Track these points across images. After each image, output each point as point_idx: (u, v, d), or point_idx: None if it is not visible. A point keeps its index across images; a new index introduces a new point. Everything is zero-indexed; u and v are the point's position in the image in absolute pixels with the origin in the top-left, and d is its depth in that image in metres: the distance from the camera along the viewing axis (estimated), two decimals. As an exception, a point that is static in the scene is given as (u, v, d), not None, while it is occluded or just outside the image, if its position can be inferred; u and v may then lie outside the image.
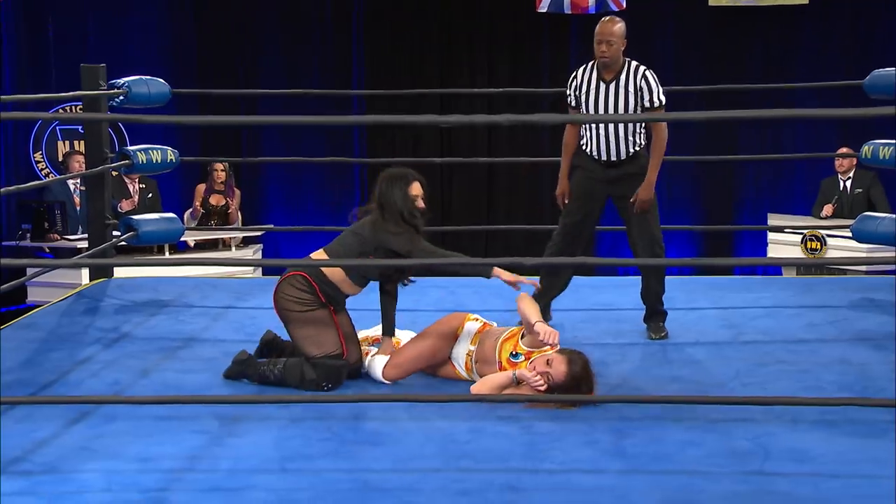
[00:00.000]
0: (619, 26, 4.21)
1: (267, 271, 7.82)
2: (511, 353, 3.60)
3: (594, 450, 3.03)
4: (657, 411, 3.30)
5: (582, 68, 4.34)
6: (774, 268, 8.02)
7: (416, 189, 3.70)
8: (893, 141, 4.88)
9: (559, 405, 3.35)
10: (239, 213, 8.20)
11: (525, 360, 3.55)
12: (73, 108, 8.59)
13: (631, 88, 4.20)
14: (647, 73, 4.23)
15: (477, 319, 3.80)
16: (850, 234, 5.11)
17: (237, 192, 8.17)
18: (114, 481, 2.79)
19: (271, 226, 8.74)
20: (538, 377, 3.39)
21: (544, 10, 8.47)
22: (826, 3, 8.50)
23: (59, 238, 7.35)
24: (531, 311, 3.56)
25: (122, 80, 5.01)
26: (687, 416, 3.26)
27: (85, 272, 6.55)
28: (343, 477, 2.84)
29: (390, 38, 9.12)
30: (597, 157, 4.31)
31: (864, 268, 6.78)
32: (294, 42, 9.12)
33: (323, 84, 8.80)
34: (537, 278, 4.19)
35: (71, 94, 5.46)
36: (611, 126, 4.23)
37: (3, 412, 3.30)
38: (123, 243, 5.36)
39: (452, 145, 9.03)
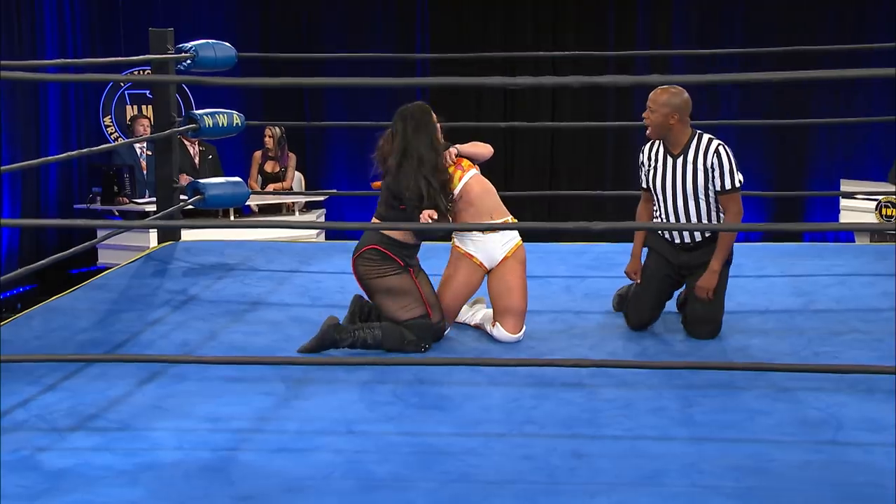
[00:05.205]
0: (666, 97, 3.70)
1: (330, 235, 7.87)
2: None
3: (661, 417, 3.00)
4: (726, 379, 3.25)
5: (648, 144, 3.89)
6: (846, 235, 7.82)
7: (440, 132, 3.70)
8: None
9: None
10: (298, 174, 8.21)
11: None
12: (142, 72, 8.71)
13: (700, 166, 3.74)
14: (721, 148, 3.73)
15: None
16: (928, 201, 4.94)
17: (292, 156, 8.19)
18: (185, 440, 2.85)
19: (334, 190, 8.76)
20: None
21: (611, -28, 8.30)
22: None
23: (127, 202, 7.48)
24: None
25: (189, 44, 5.05)
26: (756, 384, 3.21)
27: (153, 235, 6.67)
28: (408, 440, 2.86)
29: (455, 3, 9.03)
30: (670, 239, 3.90)
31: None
32: (358, 8, 9.09)
33: (386, 49, 8.77)
34: None
35: (140, 57, 5.50)
36: (680, 204, 3.80)
37: (80, 370, 3.39)
38: (190, 207, 5.44)
39: (515, 110, 8.94)
